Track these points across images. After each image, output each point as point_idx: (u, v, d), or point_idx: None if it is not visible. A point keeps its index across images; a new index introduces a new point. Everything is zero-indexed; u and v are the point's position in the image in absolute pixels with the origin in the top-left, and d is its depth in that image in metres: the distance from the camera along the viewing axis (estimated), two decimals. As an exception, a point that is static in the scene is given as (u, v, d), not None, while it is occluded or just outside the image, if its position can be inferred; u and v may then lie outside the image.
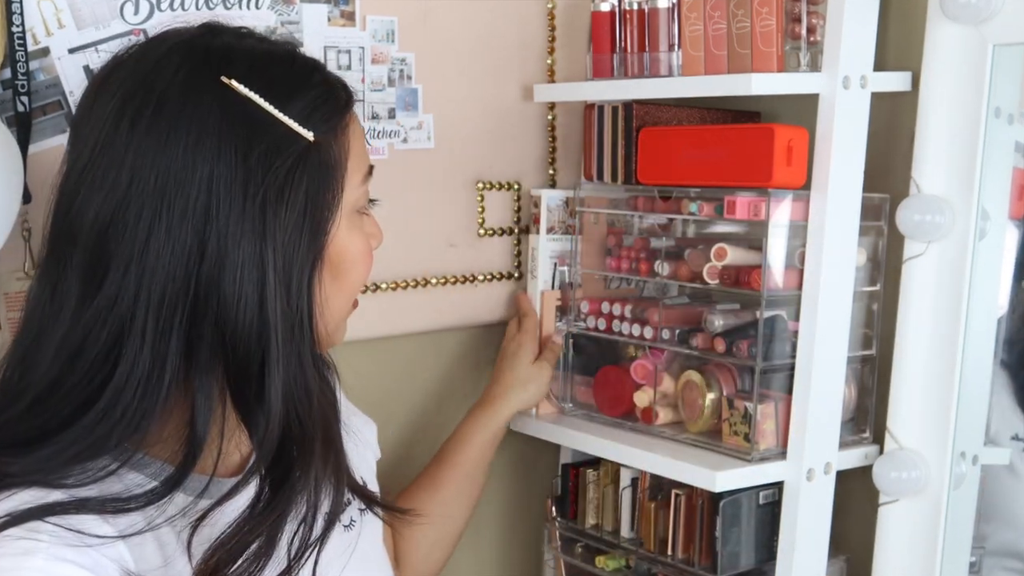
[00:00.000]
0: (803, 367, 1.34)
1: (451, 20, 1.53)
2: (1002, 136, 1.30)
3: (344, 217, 1.02)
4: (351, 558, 1.14)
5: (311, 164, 0.98)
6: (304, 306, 0.98)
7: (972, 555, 1.35)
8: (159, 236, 0.93)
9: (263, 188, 0.94)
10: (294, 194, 0.96)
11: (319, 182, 0.99)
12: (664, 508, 1.46)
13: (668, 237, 1.47)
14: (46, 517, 0.90)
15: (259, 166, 0.95)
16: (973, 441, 1.33)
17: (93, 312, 0.94)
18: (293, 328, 0.97)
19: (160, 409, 0.95)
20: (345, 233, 1.03)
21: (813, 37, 1.34)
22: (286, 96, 0.98)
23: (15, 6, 1.21)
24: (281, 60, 1.02)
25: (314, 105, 0.99)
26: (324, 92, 1.02)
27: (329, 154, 1.00)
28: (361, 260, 1.06)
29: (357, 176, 1.04)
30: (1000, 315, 1.35)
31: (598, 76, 1.52)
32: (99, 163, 0.95)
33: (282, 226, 0.95)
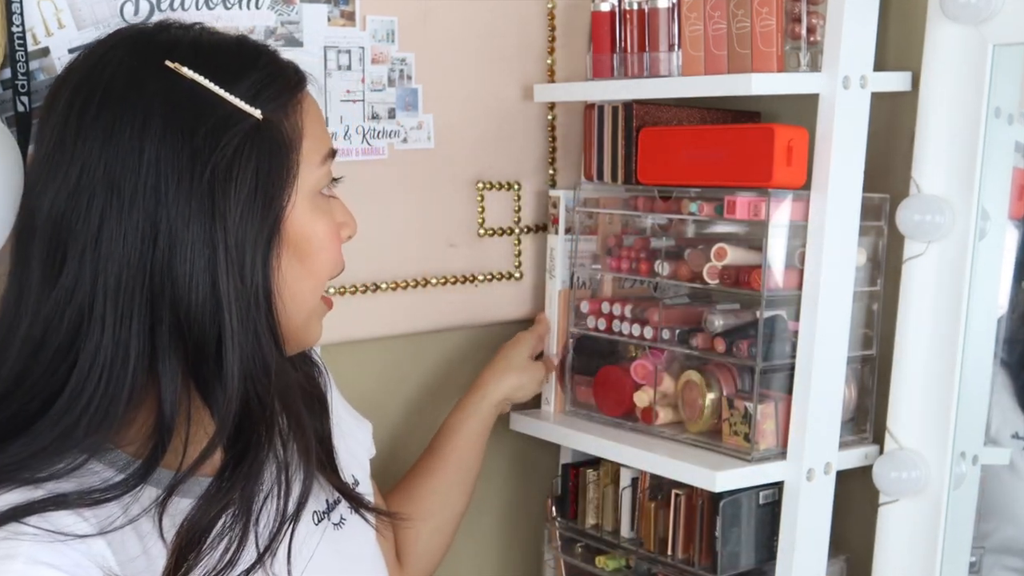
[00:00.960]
0: (803, 367, 1.34)
1: (451, 20, 1.53)
2: (1002, 136, 1.30)
3: (304, 198, 1.02)
4: (342, 557, 1.14)
5: (260, 142, 0.98)
6: (260, 284, 0.98)
7: (972, 555, 1.35)
8: (111, 223, 0.94)
9: (210, 166, 0.95)
10: (243, 171, 0.97)
11: (270, 159, 0.99)
12: (664, 508, 1.46)
13: (668, 237, 1.47)
14: (24, 518, 0.90)
15: (205, 145, 0.95)
16: (973, 441, 1.33)
17: (52, 303, 0.95)
18: (249, 306, 0.97)
19: (127, 396, 0.95)
20: (307, 215, 1.03)
21: (813, 37, 1.34)
22: (232, 77, 0.99)
23: (15, 6, 1.21)
24: (227, 45, 1.03)
25: (261, 85, 1.00)
26: (272, 72, 1.02)
27: (280, 132, 1.00)
28: (327, 244, 1.05)
29: (314, 156, 1.04)
30: (1000, 315, 1.35)
31: (598, 76, 1.52)
32: (53, 157, 0.97)
33: (232, 204, 0.96)
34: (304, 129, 1.03)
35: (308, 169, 1.03)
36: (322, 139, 1.06)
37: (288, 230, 1.01)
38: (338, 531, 1.15)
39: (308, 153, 1.03)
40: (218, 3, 1.34)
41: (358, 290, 1.49)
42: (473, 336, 1.61)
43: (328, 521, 1.15)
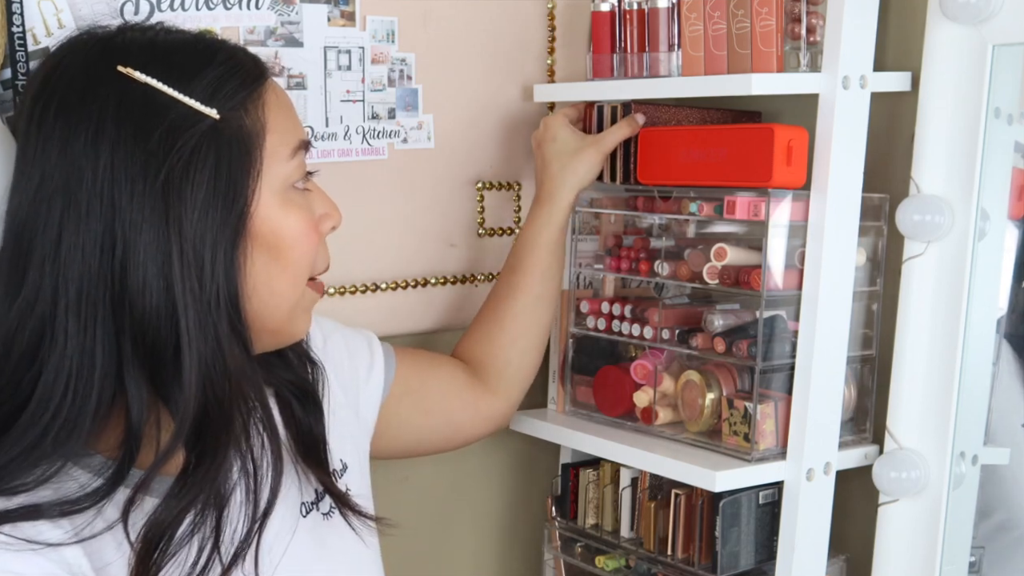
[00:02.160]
0: (803, 367, 1.34)
1: (451, 20, 1.53)
2: (1002, 136, 1.30)
3: (272, 194, 1.02)
4: (324, 547, 1.14)
5: (218, 141, 0.98)
6: (221, 286, 0.97)
7: (972, 555, 1.35)
8: (70, 231, 0.95)
9: (165, 170, 0.95)
10: (199, 173, 0.96)
11: (229, 159, 0.98)
12: (664, 508, 1.46)
13: (668, 237, 1.48)
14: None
15: (160, 149, 0.95)
16: (973, 441, 1.33)
17: (15, 313, 0.96)
18: (208, 309, 0.96)
19: (94, 406, 0.95)
20: (276, 211, 1.02)
21: (813, 37, 1.34)
22: (187, 78, 0.98)
23: (15, 6, 1.21)
24: (182, 45, 1.02)
25: (218, 82, 0.99)
26: (229, 69, 1.01)
27: (240, 130, 0.99)
28: (302, 238, 1.04)
29: (282, 150, 1.03)
30: (1000, 315, 1.35)
31: (598, 76, 1.52)
32: (19, 166, 0.98)
33: (189, 206, 0.95)
34: (267, 124, 1.02)
35: (275, 164, 1.02)
36: (290, 131, 1.04)
37: (257, 228, 1.01)
38: (327, 520, 1.15)
39: (273, 148, 1.02)
40: (218, 3, 1.34)
41: (358, 290, 1.49)
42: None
43: (317, 511, 1.15)
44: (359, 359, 1.30)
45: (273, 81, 1.06)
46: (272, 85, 1.05)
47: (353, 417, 1.27)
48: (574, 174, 1.44)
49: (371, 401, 1.31)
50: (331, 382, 1.23)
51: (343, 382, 1.26)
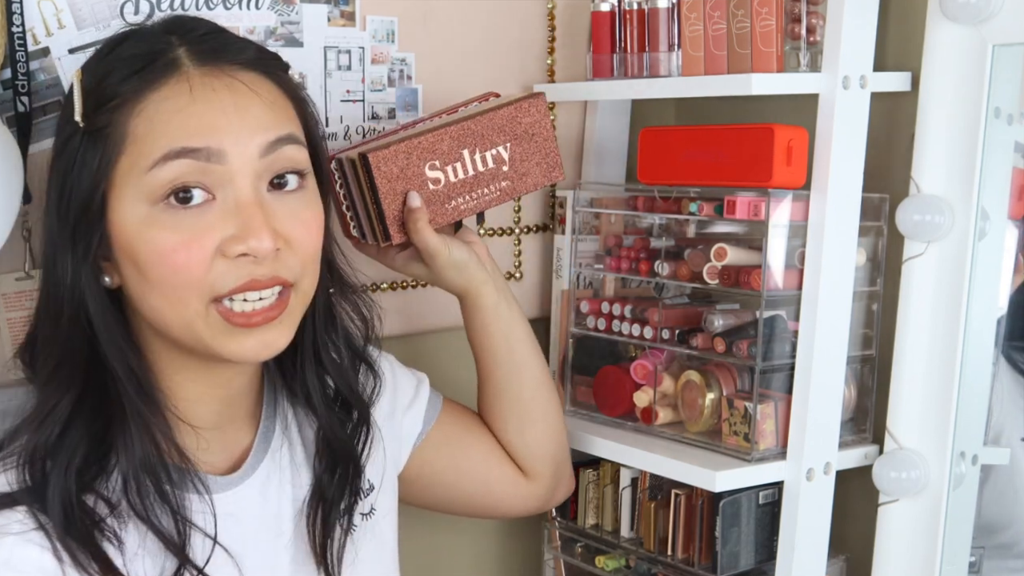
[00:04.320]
0: (803, 367, 1.34)
1: (451, 20, 1.53)
2: (1002, 136, 1.30)
3: (130, 206, 0.98)
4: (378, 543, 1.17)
5: (79, 147, 0.99)
6: (65, 289, 1.00)
7: (972, 555, 1.35)
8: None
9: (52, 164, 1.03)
10: (56, 174, 1.01)
11: (79, 165, 0.99)
12: (664, 508, 1.46)
13: (668, 237, 1.48)
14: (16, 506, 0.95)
15: (55, 144, 1.04)
16: (973, 441, 1.33)
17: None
18: (52, 307, 1.01)
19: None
20: (133, 226, 0.97)
21: (813, 37, 1.34)
22: (91, 80, 1.00)
23: (15, 6, 1.21)
24: (112, 42, 1.04)
25: (99, 86, 0.99)
26: (112, 72, 0.99)
27: (102, 137, 0.98)
28: (161, 261, 0.97)
29: (143, 161, 0.96)
30: (1000, 315, 1.35)
31: (598, 76, 1.52)
32: None
33: (52, 200, 1.01)
34: (130, 132, 0.97)
35: (134, 177, 0.97)
36: (157, 140, 0.96)
37: (117, 240, 0.99)
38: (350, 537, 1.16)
39: (134, 158, 0.97)
40: (218, 3, 1.34)
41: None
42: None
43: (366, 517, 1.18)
44: (402, 392, 1.29)
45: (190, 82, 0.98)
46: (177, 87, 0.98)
47: (388, 443, 1.25)
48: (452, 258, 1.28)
49: (406, 436, 1.28)
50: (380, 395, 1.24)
51: (382, 408, 1.25)
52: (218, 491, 1.06)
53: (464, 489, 1.34)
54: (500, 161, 1.30)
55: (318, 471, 1.14)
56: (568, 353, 1.57)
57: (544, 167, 1.34)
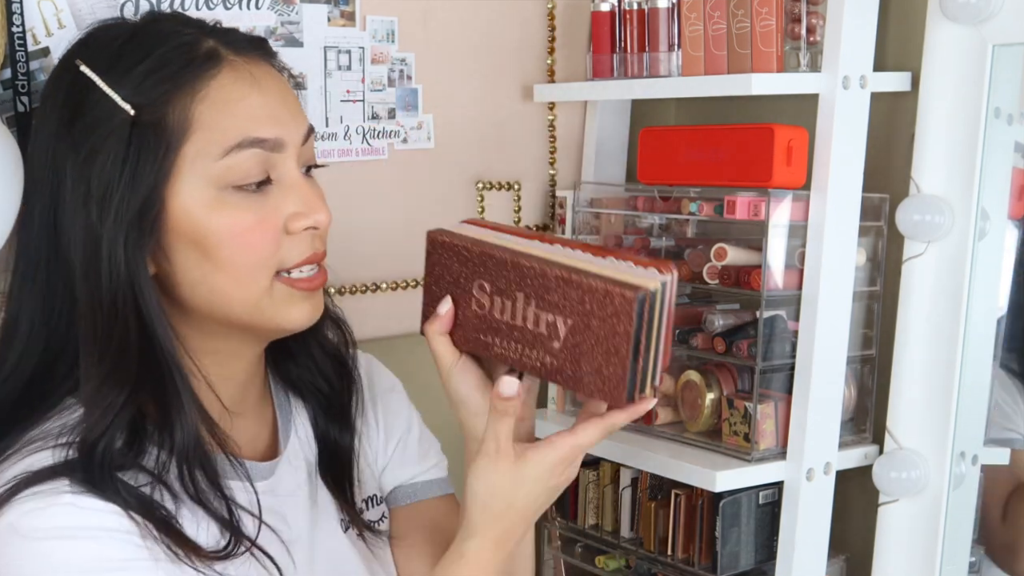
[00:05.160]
0: (803, 367, 1.34)
1: (451, 20, 1.53)
2: (1002, 136, 1.30)
3: (196, 191, 1.00)
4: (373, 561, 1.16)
5: (131, 136, 0.98)
6: (117, 276, 0.99)
7: (972, 555, 1.35)
8: (29, 215, 1.04)
9: (81, 159, 0.99)
10: (104, 164, 0.99)
11: (137, 154, 0.99)
12: (664, 508, 1.46)
13: (668, 237, 1.47)
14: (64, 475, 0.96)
15: (83, 136, 1.00)
16: (973, 441, 1.33)
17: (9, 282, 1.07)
18: (101, 297, 0.99)
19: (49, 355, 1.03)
20: (201, 209, 1.00)
21: (813, 37, 1.34)
22: (121, 70, 1.00)
23: (15, 6, 1.21)
24: (131, 35, 1.03)
25: (145, 76, 0.99)
26: (165, 61, 1.00)
27: (158, 124, 0.99)
28: (233, 239, 1.01)
29: (212, 148, 1.00)
30: (1000, 315, 1.35)
31: (598, 76, 1.52)
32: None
33: (94, 194, 0.99)
34: (194, 120, 0.99)
35: (200, 162, 1.00)
36: (228, 129, 1.00)
37: (177, 224, 1.00)
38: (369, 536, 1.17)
39: (201, 145, 0.99)
40: (218, 3, 1.34)
41: (358, 290, 1.49)
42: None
43: (352, 530, 1.16)
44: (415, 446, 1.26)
45: (239, 71, 1.02)
46: (228, 76, 1.02)
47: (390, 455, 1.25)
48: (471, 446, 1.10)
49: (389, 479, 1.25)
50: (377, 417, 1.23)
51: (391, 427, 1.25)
52: (258, 478, 1.08)
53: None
54: (553, 332, 0.98)
55: (323, 436, 1.17)
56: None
57: (600, 381, 0.96)
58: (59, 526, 0.93)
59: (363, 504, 1.18)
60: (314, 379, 1.17)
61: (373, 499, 1.20)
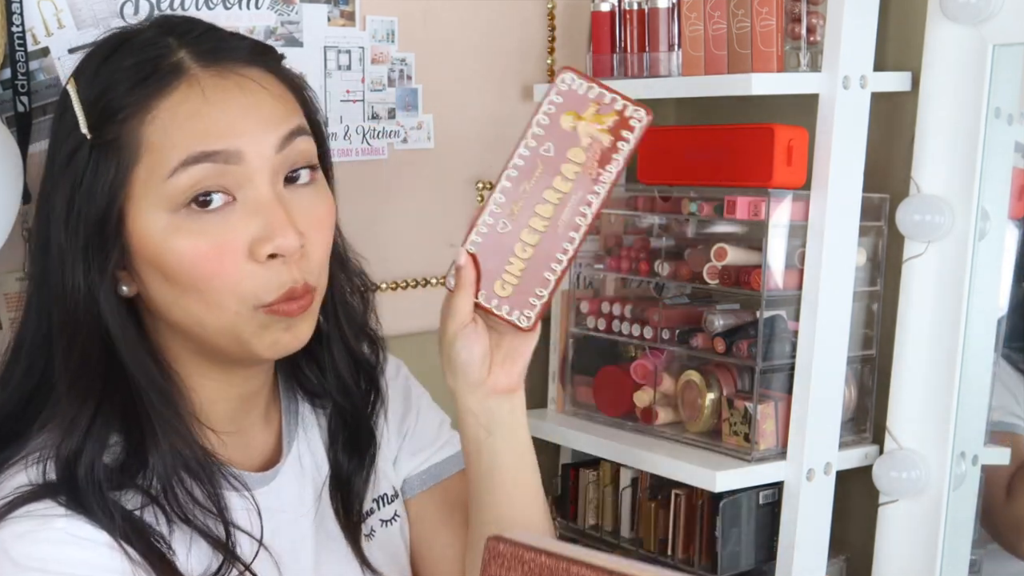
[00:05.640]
0: (803, 367, 1.34)
1: (451, 20, 1.53)
2: (1002, 136, 1.30)
3: (151, 214, 0.96)
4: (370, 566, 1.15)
5: (91, 153, 0.97)
6: (78, 298, 0.98)
7: (972, 555, 1.35)
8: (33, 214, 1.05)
9: (55, 176, 1.00)
10: (62, 185, 0.98)
11: (91, 178, 0.97)
12: (664, 508, 1.46)
13: (668, 237, 1.47)
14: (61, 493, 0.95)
15: (52, 155, 1.01)
16: (973, 441, 1.33)
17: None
18: (64, 319, 0.99)
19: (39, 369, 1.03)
20: (158, 233, 0.96)
21: (813, 37, 1.34)
22: (91, 86, 0.99)
23: (15, 6, 1.21)
24: (113, 50, 1.01)
25: (102, 93, 0.98)
26: (123, 79, 0.98)
27: (114, 146, 0.96)
28: (190, 268, 0.96)
29: (161, 169, 0.95)
30: (1000, 315, 1.35)
31: (598, 76, 1.52)
32: None
33: (58, 211, 0.98)
34: (144, 141, 0.96)
35: (153, 184, 0.96)
36: (175, 146, 0.95)
37: (138, 249, 0.98)
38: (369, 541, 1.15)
39: (151, 166, 0.96)
40: (218, 3, 1.34)
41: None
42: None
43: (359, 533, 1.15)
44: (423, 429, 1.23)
45: (198, 85, 0.97)
46: (185, 92, 0.97)
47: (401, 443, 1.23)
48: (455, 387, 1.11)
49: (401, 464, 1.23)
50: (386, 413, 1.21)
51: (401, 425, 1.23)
52: (256, 487, 1.07)
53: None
54: None
55: (335, 452, 1.15)
56: (568, 353, 1.57)
57: None
58: (48, 558, 0.92)
59: (373, 504, 1.17)
60: (339, 387, 1.14)
61: (384, 498, 1.18)
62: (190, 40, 1.00)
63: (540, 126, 1.05)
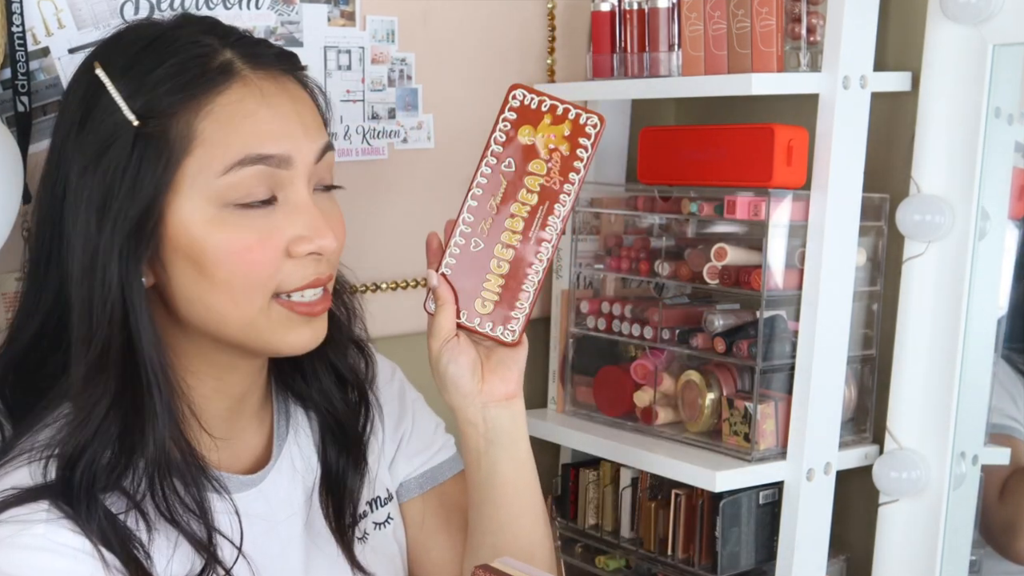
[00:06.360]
0: (803, 367, 1.34)
1: (451, 20, 1.53)
2: (1002, 136, 1.30)
3: (196, 207, 0.98)
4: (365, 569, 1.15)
5: (137, 144, 0.97)
6: (111, 289, 0.97)
7: (972, 555, 1.35)
8: (38, 214, 1.04)
9: (83, 163, 0.98)
10: (105, 174, 0.97)
11: (141, 162, 0.97)
12: (664, 508, 1.46)
13: (668, 237, 1.47)
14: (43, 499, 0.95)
15: (88, 141, 0.98)
16: (973, 441, 1.33)
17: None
18: (92, 309, 0.98)
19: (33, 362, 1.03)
20: (201, 226, 0.98)
21: (813, 37, 1.34)
22: (135, 77, 0.99)
23: (15, 6, 1.21)
24: (151, 41, 1.01)
25: (155, 85, 0.98)
26: (174, 71, 0.98)
27: (162, 136, 0.97)
28: (231, 259, 0.98)
29: (214, 164, 0.97)
30: (1000, 315, 1.35)
31: (598, 76, 1.52)
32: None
33: (95, 198, 0.97)
34: (197, 135, 0.97)
35: (201, 178, 0.98)
36: (231, 145, 0.98)
37: (175, 240, 0.99)
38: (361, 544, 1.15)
39: (203, 161, 0.97)
40: (218, 3, 1.34)
41: (358, 290, 1.49)
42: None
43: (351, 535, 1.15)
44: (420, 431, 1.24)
45: (251, 87, 1.00)
46: (239, 92, 0.99)
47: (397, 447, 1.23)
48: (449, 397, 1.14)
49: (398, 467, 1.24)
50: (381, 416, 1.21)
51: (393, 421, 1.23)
52: (238, 490, 1.07)
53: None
54: None
55: (326, 456, 1.15)
56: (568, 353, 1.57)
57: None
58: (23, 564, 0.92)
59: (367, 507, 1.17)
60: (322, 400, 1.15)
61: (377, 500, 1.19)
62: (232, 42, 1.02)
63: (498, 143, 1.09)
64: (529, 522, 1.16)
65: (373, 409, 1.19)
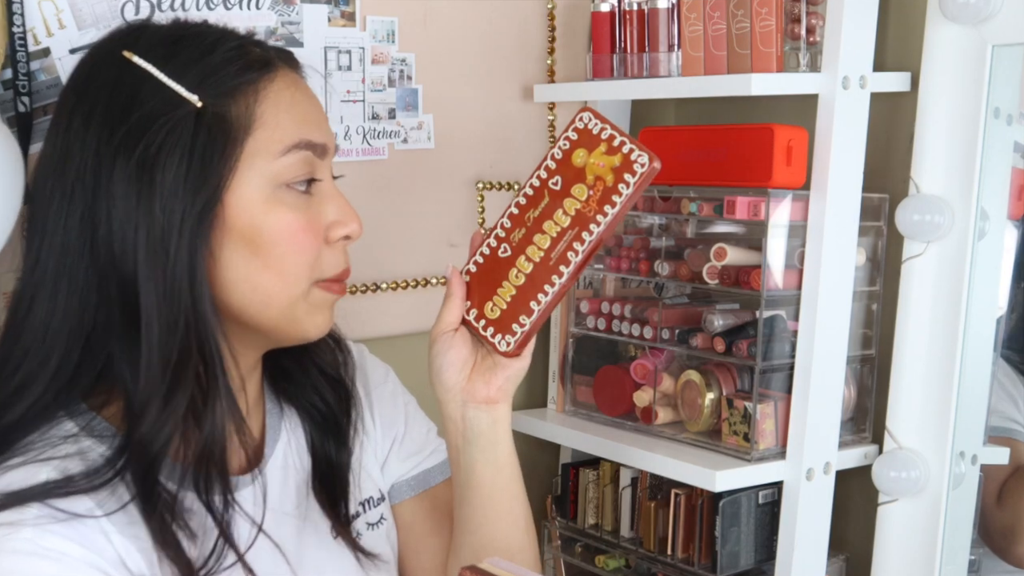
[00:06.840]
0: (803, 367, 1.34)
1: (451, 20, 1.53)
2: (1001, 136, 1.30)
3: (254, 188, 1.00)
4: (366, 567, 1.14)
5: (196, 128, 0.97)
6: (184, 267, 0.97)
7: (972, 555, 1.35)
8: (55, 205, 0.99)
9: (140, 148, 0.97)
10: (171, 155, 0.97)
11: (204, 146, 0.98)
12: (664, 508, 1.46)
13: (668, 237, 1.48)
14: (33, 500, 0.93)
15: (138, 127, 0.97)
16: (973, 441, 1.34)
17: (19, 284, 1.03)
18: (171, 290, 0.97)
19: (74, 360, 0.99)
20: (257, 206, 1.00)
21: (812, 37, 1.34)
22: (183, 64, 0.99)
23: (16, 6, 1.22)
24: (187, 33, 1.03)
25: (209, 71, 0.99)
26: (228, 59, 1.00)
27: (223, 120, 0.98)
28: (285, 239, 1.01)
29: (272, 147, 1.00)
30: (1000, 315, 1.35)
31: (598, 76, 1.52)
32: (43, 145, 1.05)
33: (159, 186, 0.97)
34: (258, 117, 1.00)
35: (260, 159, 1.00)
36: (287, 129, 1.01)
37: (233, 220, 0.99)
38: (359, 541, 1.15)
39: (262, 143, 1.00)
40: (218, 3, 1.34)
41: (358, 290, 1.49)
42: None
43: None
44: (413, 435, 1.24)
45: (288, 77, 1.04)
46: (283, 81, 1.03)
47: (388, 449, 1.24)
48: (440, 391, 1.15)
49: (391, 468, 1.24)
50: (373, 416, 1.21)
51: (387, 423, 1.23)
52: (238, 488, 1.07)
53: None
54: None
55: (316, 449, 1.15)
56: (568, 353, 1.57)
57: None
58: (9, 569, 0.91)
59: (359, 508, 1.17)
60: (310, 397, 1.16)
61: (370, 501, 1.19)
62: (255, 41, 1.06)
63: (554, 160, 1.10)
64: (505, 526, 1.15)
65: (355, 400, 1.19)
